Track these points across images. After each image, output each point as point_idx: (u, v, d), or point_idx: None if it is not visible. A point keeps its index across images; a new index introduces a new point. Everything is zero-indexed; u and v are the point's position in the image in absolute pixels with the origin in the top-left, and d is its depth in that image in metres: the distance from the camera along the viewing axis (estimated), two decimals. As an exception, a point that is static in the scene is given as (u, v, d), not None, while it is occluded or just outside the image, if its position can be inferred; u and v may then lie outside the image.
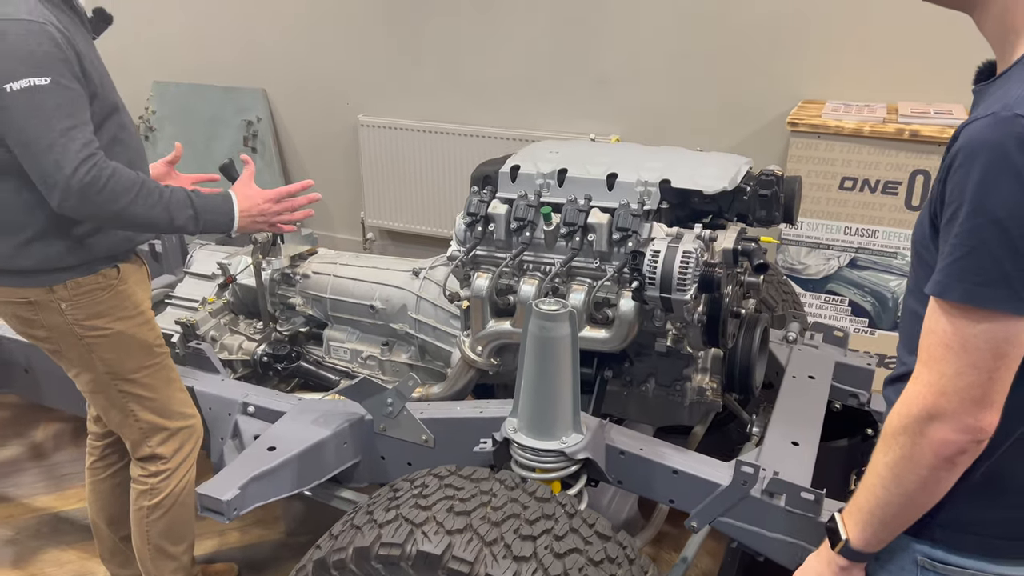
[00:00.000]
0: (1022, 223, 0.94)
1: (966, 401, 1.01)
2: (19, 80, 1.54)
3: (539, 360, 1.62)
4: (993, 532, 1.14)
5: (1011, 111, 0.94)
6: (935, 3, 1.15)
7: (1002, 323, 0.98)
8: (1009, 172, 0.93)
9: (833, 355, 2.25)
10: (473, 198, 1.98)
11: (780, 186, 1.84)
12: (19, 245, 1.69)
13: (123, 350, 1.82)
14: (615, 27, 3.77)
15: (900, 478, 1.10)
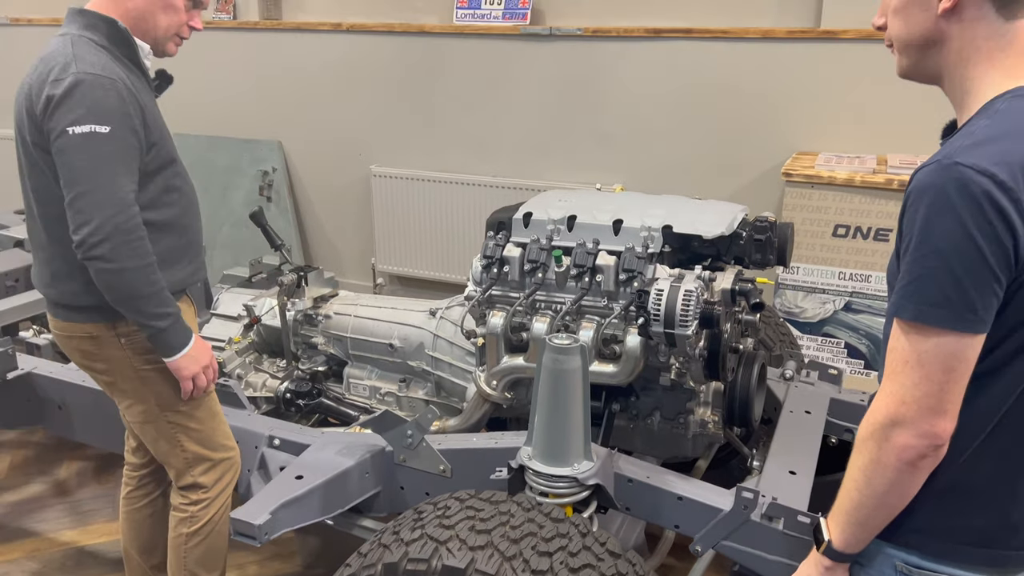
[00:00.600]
0: (960, 253, 1.08)
1: (923, 409, 1.13)
2: (83, 125, 1.70)
3: (552, 391, 1.75)
4: (961, 539, 1.23)
5: (951, 159, 1.10)
6: (912, 80, 1.32)
7: (948, 339, 1.10)
8: (949, 210, 1.08)
9: (828, 392, 2.38)
10: (489, 242, 2.13)
11: (774, 231, 1.99)
12: (87, 283, 1.83)
13: (174, 383, 1.94)
14: (618, 85, 3.98)
15: (870, 480, 1.20)
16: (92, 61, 1.74)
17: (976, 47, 1.18)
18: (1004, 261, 1.08)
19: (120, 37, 1.83)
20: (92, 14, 1.83)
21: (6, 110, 5.95)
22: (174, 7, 1.88)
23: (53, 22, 5.27)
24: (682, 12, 3.84)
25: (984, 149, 1.09)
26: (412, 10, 4.37)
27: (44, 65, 1.76)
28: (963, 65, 1.20)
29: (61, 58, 1.74)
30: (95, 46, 1.79)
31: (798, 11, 3.66)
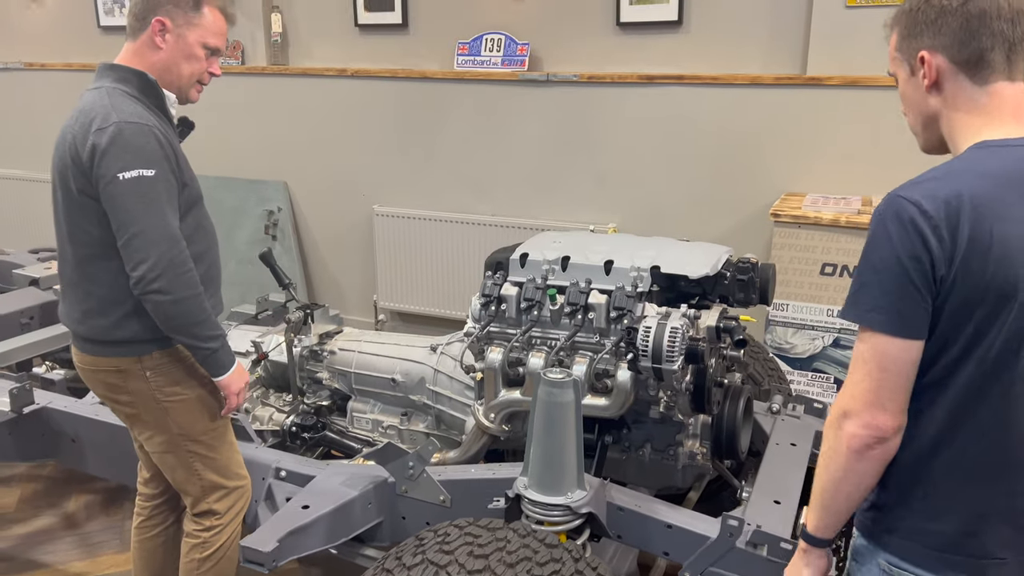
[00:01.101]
0: (888, 268, 1.24)
1: (865, 403, 1.27)
2: (131, 170, 1.83)
3: (547, 423, 1.85)
4: (929, 543, 1.33)
5: (895, 193, 1.27)
6: (933, 154, 1.47)
7: (881, 341, 1.25)
8: (883, 234, 1.26)
9: (813, 424, 2.47)
10: (487, 281, 2.25)
11: (756, 272, 2.11)
12: (118, 319, 1.95)
13: (194, 414, 2.05)
14: (612, 129, 4.13)
15: (828, 466, 1.35)
16: (129, 111, 1.88)
17: (958, 113, 1.34)
18: (923, 278, 1.24)
19: (150, 88, 1.97)
20: (123, 68, 1.97)
21: (23, 151, 6.15)
22: (195, 56, 2.00)
23: (65, 67, 5.46)
24: (674, 59, 4.00)
25: (921, 185, 1.27)
26: (414, 56, 4.54)
27: (84, 116, 1.89)
28: (951, 129, 1.36)
29: (101, 109, 1.87)
30: (129, 97, 1.93)
31: (785, 59, 3.82)
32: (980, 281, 1.22)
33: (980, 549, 1.32)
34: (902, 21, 1.40)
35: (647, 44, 4.04)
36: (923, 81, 1.35)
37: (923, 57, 1.34)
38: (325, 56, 4.78)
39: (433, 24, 4.45)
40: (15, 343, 3.13)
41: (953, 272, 1.22)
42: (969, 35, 1.30)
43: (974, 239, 1.21)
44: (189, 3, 1.97)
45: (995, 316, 1.24)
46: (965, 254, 1.21)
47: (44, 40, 5.58)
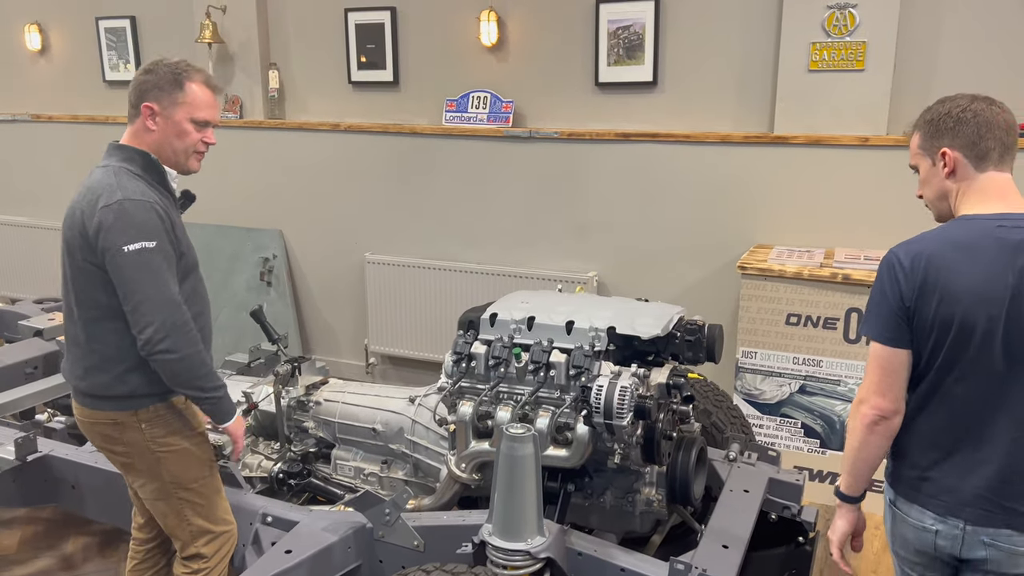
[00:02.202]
0: (882, 300, 1.76)
1: (872, 392, 1.79)
2: (134, 243, 2.01)
3: (508, 474, 2.02)
4: (908, 484, 1.83)
5: (892, 248, 1.79)
6: (941, 222, 1.88)
7: (880, 349, 1.77)
8: (879, 276, 1.78)
9: (767, 471, 2.63)
10: (459, 340, 2.43)
11: (702, 333, 2.29)
12: (118, 375, 2.12)
13: (186, 463, 2.22)
14: (592, 183, 4.34)
15: (851, 440, 1.85)
16: (133, 188, 2.07)
17: (964, 191, 1.81)
18: (899, 305, 1.75)
19: (152, 166, 2.16)
20: (128, 148, 2.16)
21: (30, 199, 6.35)
22: (185, 132, 2.16)
23: (72, 119, 5.69)
24: (649, 118, 4.22)
25: (905, 245, 1.78)
26: (405, 112, 4.77)
27: (92, 194, 2.07)
28: (958, 203, 1.83)
29: (107, 188, 2.06)
30: (132, 175, 2.11)
31: (753, 118, 4.04)
32: (929, 314, 1.73)
33: (933, 488, 1.81)
34: (924, 128, 1.87)
35: (624, 103, 4.27)
36: (943, 170, 1.82)
37: (944, 152, 1.81)
38: (320, 111, 5.01)
39: (423, 82, 4.69)
40: (20, 392, 3.30)
41: (914, 305, 1.73)
42: (979, 138, 1.79)
43: (925, 284, 1.72)
44: (172, 84, 2.13)
45: (943, 338, 1.74)
46: (919, 294, 1.72)
47: (51, 93, 5.82)
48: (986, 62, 3.63)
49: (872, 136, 3.76)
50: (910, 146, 1.92)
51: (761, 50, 3.94)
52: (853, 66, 3.74)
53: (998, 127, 1.78)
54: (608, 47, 4.20)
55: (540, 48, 4.37)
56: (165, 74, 2.14)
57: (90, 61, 5.58)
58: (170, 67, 2.15)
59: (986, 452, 1.75)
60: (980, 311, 1.68)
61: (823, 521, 3.52)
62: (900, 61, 3.71)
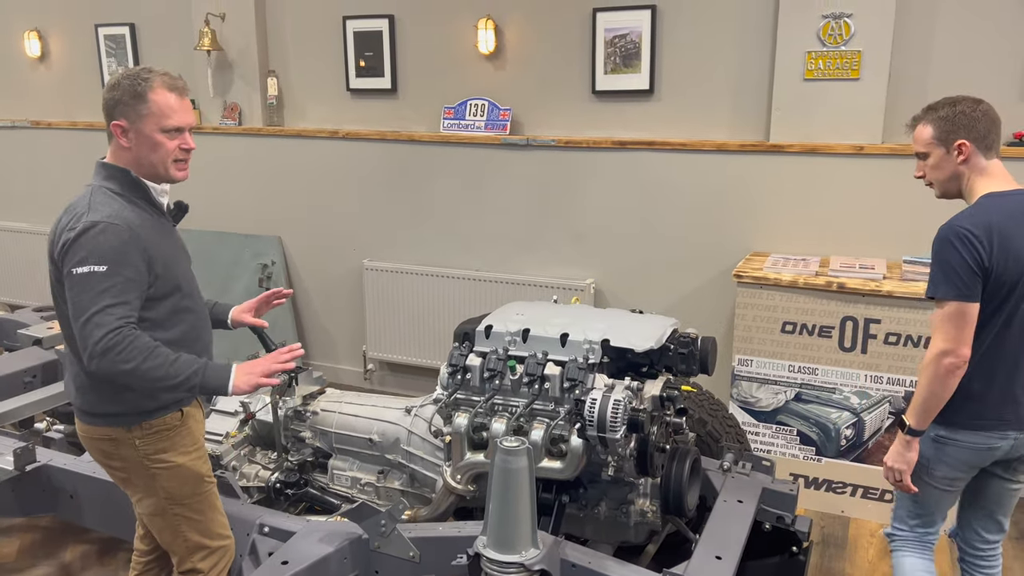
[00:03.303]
0: (960, 261, 2.12)
1: (956, 343, 2.13)
2: (83, 266, 1.98)
3: (502, 487, 2.03)
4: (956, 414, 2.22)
5: (954, 223, 2.17)
6: (944, 199, 2.39)
7: (961, 306, 2.13)
8: (952, 246, 2.15)
9: (761, 481, 2.64)
10: (455, 352, 2.45)
11: (695, 345, 2.31)
12: (108, 395, 2.13)
13: (181, 479, 2.22)
14: (588, 190, 4.36)
15: (931, 384, 2.16)
16: (102, 210, 2.03)
17: (974, 174, 2.27)
18: (978, 264, 2.13)
19: (132, 183, 2.13)
20: (110, 166, 2.13)
21: (30, 205, 6.36)
22: (158, 143, 2.10)
23: (71, 126, 5.71)
24: (645, 126, 4.24)
25: (967, 219, 2.17)
26: (403, 120, 4.79)
27: (66, 216, 2.07)
28: (971, 185, 2.27)
29: (79, 208, 2.05)
30: (110, 195, 2.08)
31: (749, 127, 4.06)
32: (1001, 273, 2.14)
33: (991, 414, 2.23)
34: (940, 124, 2.28)
35: (621, 112, 4.28)
36: (957, 157, 2.26)
37: (962, 144, 2.24)
38: (318, 118, 5.03)
39: (421, 89, 4.71)
40: (18, 401, 3.32)
41: (991, 265, 2.13)
42: (987, 132, 2.25)
43: (996, 248, 2.13)
44: (134, 98, 2.07)
45: (1008, 292, 2.16)
46: (994, 257, 2.13)
47: (51, 100, 5.85)
48: (980, 71, 3.65)
49: (867, 145, 3.78)
50: (919, 136, 2.33)
51: (757, 59, 3.96)
52: (848, 75, 3.75)
53: (997, 125, 2.27)
54: (605, 55, 4.22)
55: (537, 56, 4.39)
56: (126, 88, 2.08)
57: (89, 68, 5.60)
58: (130, 80, 2.09)
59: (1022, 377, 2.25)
60: None
61: (817, 530, 3.54)
62: (895, 70, 3.72)
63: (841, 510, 3.74)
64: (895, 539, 2.45)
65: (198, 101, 5.24)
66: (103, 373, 1.99)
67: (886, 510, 3.65)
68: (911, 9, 3.68)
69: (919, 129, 2.34)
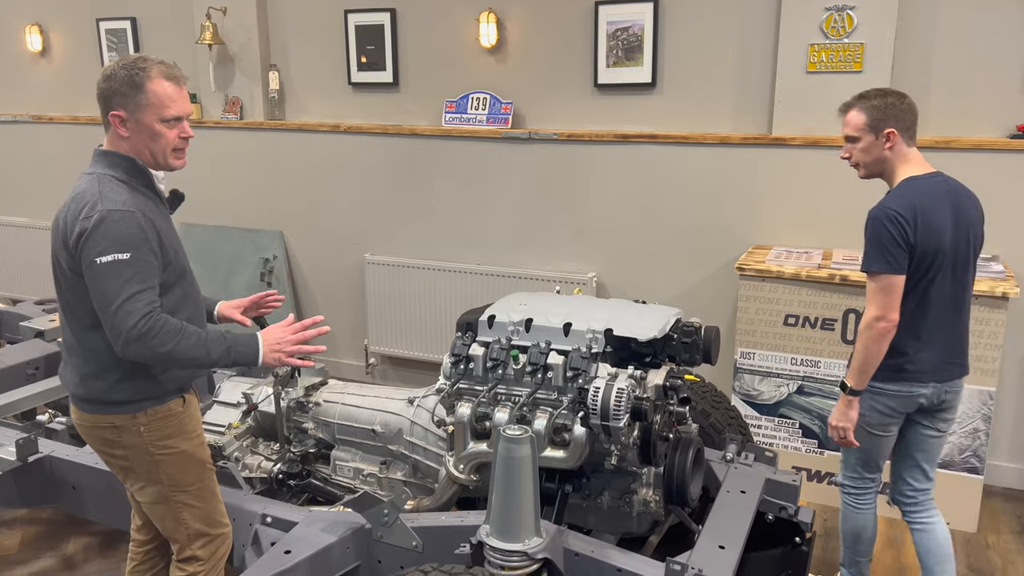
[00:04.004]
0: (890, 240, 2.41)
1: (888, 310, 2.42)
2: (107, 255, 2.00)
3: (505, 476, 2.03)
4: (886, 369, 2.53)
5: (884, 205, 2.45)
6: (868, 179, 2.66)
7: (888, 278, 2.41)
8: (884, 227, 2.41)
9: (764, 472, 2.64)
10: (457, 341, 2.44)
11: (698, 335, 2.30)
12: (114, 382, 2.13)
13: (184, 466, 2.23)
14: (590, 184, 4.35)
15: (868, 348, 2.46)
16: (115, 198, 2.04)
17: (898, 160, 2.55)
18: (905, 241, 2.41)
19: (137, 171, 2.14)
20: (113, 154, 2.13)
21: (31, 200, 6.36)
22: (157, 133, 2.11)
23: (72, 120, 5.71)
24: (648, 119, 4.23)
25: (894, 201, 2.46)
26: (404, 114, 4.78)
27: (76, 204, 2.06)
28: (894, 169, 2.56)
29: (91, 197, 2.05)
30: (117, 182, 2.09)
31: (751, 120, 4.05)
32: (924, 248, 2.43)
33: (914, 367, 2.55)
34: (872, 113, 2.52)
35: (623, 105, 4.28)
36: (885, 144, 2.52)
37: (891, 132, 2.51)
38: (320, 112, 5.02)
39: (422, 83, 4.71)
40: (21, 393, 3.31)
41: (914, 242, 2.42)
42: (911, 123, 2.54)
43: (920, 226, 2.42)
44: (132, 88, 2.07)
45: (928, 262, 2.46)
46: (918, 234, 2.41)
47: (52, 94, 5.84)
48: (982, 64, 3.64)
49: (870, 137, 3.77)
50: (853, 121, 2.56)
51: (759, 52, 3.95)
52: (851, 68, 3.75)
53: (917, 117, 2.56)
54: (607, 48, 4.21)
55: (539, 49, 4.38)
56: (123, 79, 2.07)
57: (91, 62, 5.59)
58: (127, 69, 2.08)
59: (943, 332, 2.56)
60: (946, 239, 2.46)
61: (820, 522, 3.54)
62: (898, 63, 3.72)
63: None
64: (845, 490, 2.79)
65: (199, 95, 5.24)
66: (139, 358, 2.03)
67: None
68: (914, 1, 3.68)
69: (853, 115, 2.57)
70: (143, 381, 2.14)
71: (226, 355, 2.11)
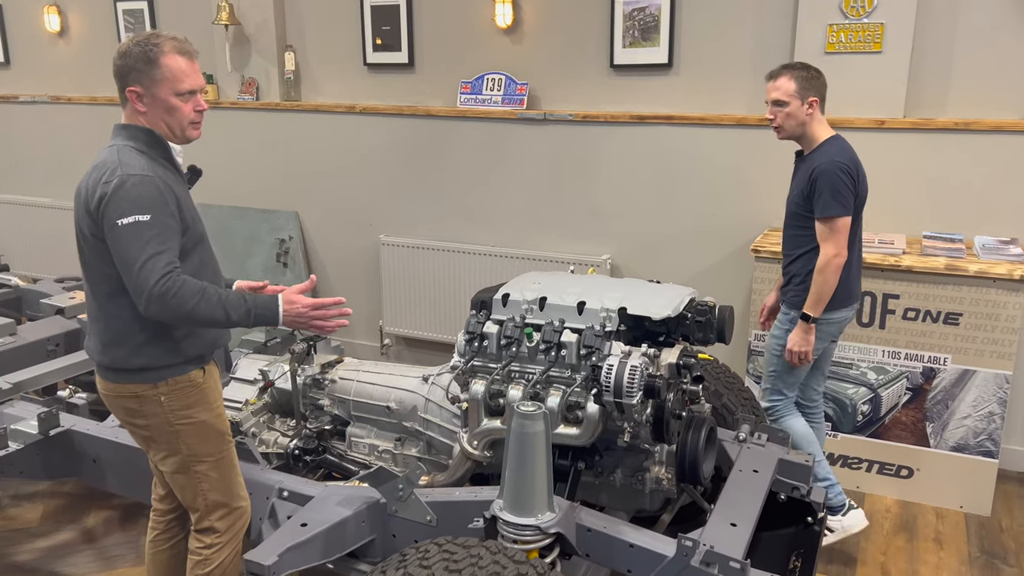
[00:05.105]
0: (845, 190, 2.90)
1: (842, 247, 2.92)
2: (127, 217, 2.04)
3: (519, 451, 2.05)
4: (836, 299, 3.03)
5: (835, 160, 2.91)
6: (787, 140, 3.11)
7: (844, 220, 2.90)
8: (840, 178, 2.89)
9: (776, 452, 2.64)
10: (472, 319, 2.46)
11: (713, 314, 2.30)
12: (134, 348, 2.17)
13: (204, 436, 2.27)
14: (606, 165, 4.34)
15: (828, 281, 2.91)
16: (134, 164, 2.10)
17: (815, 124, 3.01)
18: (853, 188, 2.91)
19: (156, 142, 2.19)
20: (132, 127, 2.18)
21: (50, 180, 6.42)
22: (173, 107, 2.16)
23: (90, 100, 5.75)
24: (664, 100, 4.21)
25: (843, 156, 2.93)
26: (420, 94, 4.78)
27: (96, 172, 2.12)
28: (810, 130, 3.01)
29: (111, 164, 2.10)
30: (136, 152, 2.14)
31: (768, 101, 4.02)
32: (861, 193, 2.97)
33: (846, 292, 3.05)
34: (800, 82, 2.95)
35: (639, 85, 4.26)
36: (808, 110, 2.96)
37: (813, 100, 2.97)
38: (335, 93, 5.03)
39: (437, 64, 4.70)
40: (42, 369, 3.37)
41: (856, 189, 2.92)
42: (824, 94, 3.02)
43: (861, 177, 2.96)
44: (146, 63, 2.12)
45: (862, 206, 3.01)
46: (859, 182, 2.95)
47: (70, 75, 5.88)
48: (1004, 44, 3.60)
49: (889, 119, 3.74)
50: (784, 88, 2.95)
51: (777, 32, 3.92)
52: (870, 48, 3.71)
53: (826, 90, 3.05)
54: (623, 29, 4.19)
55: (555, 30, 4.37)
56: (138, 55, 2.12)
57: (108, 43, 5.62)
58: (141, 46, 2.12)
59: (858, 262, 3.12)
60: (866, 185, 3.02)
61: (833, 503, 3.54)
62: (918, 43, 3.68)
63: (856, 485, 3.74)
64: (777, 409, 3.18)
65: (216, 76, 5.26)
66: (161, 316, 2.07)
67: (902, 485, 3.65)
68: (935, -20, 3.63)
69: (784, 82, 2.95)
70: (164, 347, 2.18)
71: (247, 316, 2.16)
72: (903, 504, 3.61)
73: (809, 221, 2.99)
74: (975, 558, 3.26)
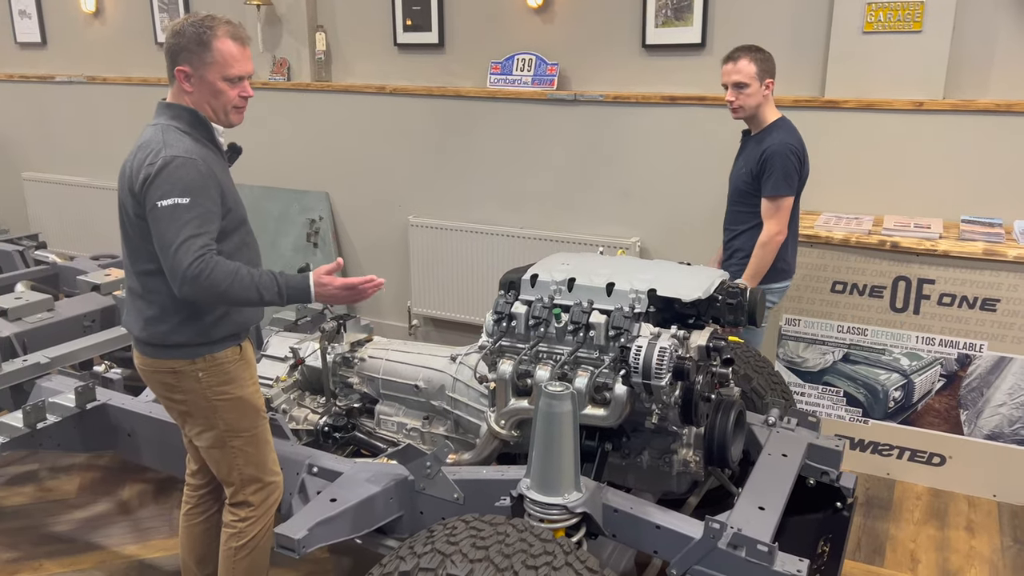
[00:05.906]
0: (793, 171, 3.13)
1: (785, 225, 3.12)
2: (167, 199, 2.07)
3: (546, 431, 2.05)
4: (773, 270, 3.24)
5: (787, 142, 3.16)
6: (745, 120, 3.27)
7: (790, 199, 3.13)
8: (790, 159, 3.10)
9: (806, 437, 2.62)
10: (500, 299, 2.46)
11: (744, 296, 2.28)
12: (175, 325, 2.21)
13: (240, 412, 2.30)
14: (636, 147, 4.31)
15: (768, 256, 3.12)
16: (178, 146, 2.12)
17: (767, 105, 3.17)
18: (800, 169, 3.14)
19: (199, 123, 2.21)
20: (176, 106, 2.21)
21: (86, 159, 6.51)
22: (220, 91, 2.19)
23: (125, 81, 5.81)
24: (696, 81, 4.16)
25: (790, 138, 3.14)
26: (449, 75, 4.77)
27: (141, 152, 2.14)
28: (762, 111, 3.19)
29: (155, 145, 2.12)
30: (180, 132, 2.17)
31: (803, 81, 3.95)
32: (805, 174, 3.17)
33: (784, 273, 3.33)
34: (760, 65, 3.12)
35: (671, 66, 4.21)
36: (764, 91, 3.14)
37: (770, 82, 3.15)
38: (366, 74, 5.04)
39: (468, 44, 4.68)
40: (79, 344, 3.43)
41: (802, 170, 3.12)
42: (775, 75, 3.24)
43: (805, 157, 3.16)
44: (199, 45, 2.14)
45: (803, 185, 3.23)
46: (804, 163, 3.16)
47: (105, 55, 5.94)
48: (1050, 23, 3.50)
49: (928, 100, 3.66)
50: (746, 70, 3.10)
51: (814, 10, 3.84)
52: (910, 27, 3.63)
53: None
54: (656, 8, 4.14)
55: (586, 9, 4.32)
56: (192, 36, 2.14)
57: (143, 23, 5.67)
58: (195, 27, 2.15)
59: (796, 236, 3.36)
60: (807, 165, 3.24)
61: (862, 489, 3.51)
62: (959, 22, 3.59)
63: (887, 472, 3.70)
64: None
65: (248, 56, 5.28)
66: (195, 297, 2.11)
67: (934, 473, 3.60)
68: (979, -43, 3.54)
69: (745, 64, 3.09)
70: (201, 325, 2.22)
71: (279, 296, 2.19)
72: (934, 492, 3.57)
73: (754, 199, 3.16)
74: (1008, 547, 3.22)
